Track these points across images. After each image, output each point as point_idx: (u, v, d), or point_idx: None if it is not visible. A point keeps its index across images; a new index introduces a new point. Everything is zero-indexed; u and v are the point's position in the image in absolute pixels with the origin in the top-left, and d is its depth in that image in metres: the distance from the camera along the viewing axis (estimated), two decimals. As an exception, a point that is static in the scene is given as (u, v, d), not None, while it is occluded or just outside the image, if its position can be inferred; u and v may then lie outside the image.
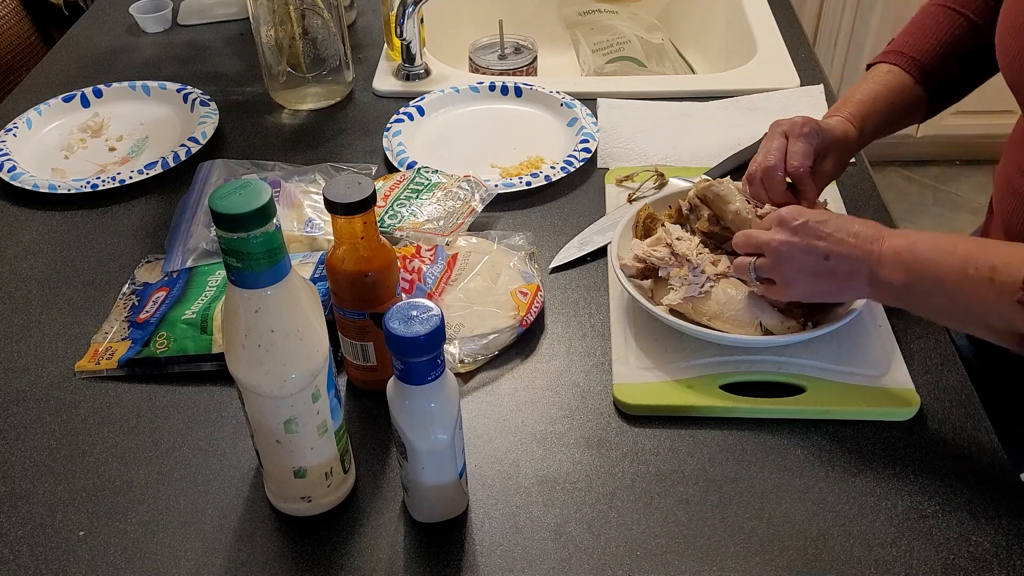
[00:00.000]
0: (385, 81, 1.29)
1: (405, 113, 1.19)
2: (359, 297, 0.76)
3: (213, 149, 1.16)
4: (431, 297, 0.87)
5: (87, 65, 1.37)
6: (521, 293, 0.88)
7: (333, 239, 0.78)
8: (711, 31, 1.54)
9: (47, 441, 0.79)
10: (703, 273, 0.83)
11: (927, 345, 0.84)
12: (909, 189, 2.62)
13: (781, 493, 0.73)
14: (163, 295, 0.90)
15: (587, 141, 1.12)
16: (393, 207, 0.97)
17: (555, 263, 0.96)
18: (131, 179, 1.09)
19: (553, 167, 1.08)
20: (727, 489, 0.73)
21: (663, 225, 0.89)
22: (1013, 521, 0.70)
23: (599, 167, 1.11)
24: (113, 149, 1.18)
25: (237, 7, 1.48)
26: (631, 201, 1.03)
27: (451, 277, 0.90)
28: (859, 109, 0.91)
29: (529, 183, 1.05)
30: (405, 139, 1.14)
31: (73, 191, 1.08)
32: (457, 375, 0.83)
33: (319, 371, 0.65)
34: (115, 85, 1.27)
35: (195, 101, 1.23)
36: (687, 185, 0.96)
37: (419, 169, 1.04)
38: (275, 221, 0.58)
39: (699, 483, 0.74)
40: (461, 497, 0.71)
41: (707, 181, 0.86)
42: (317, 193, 1.01)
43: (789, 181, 0.86)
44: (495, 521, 0.72)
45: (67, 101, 1.25)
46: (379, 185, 1.01)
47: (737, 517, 0.71)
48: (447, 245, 0.93)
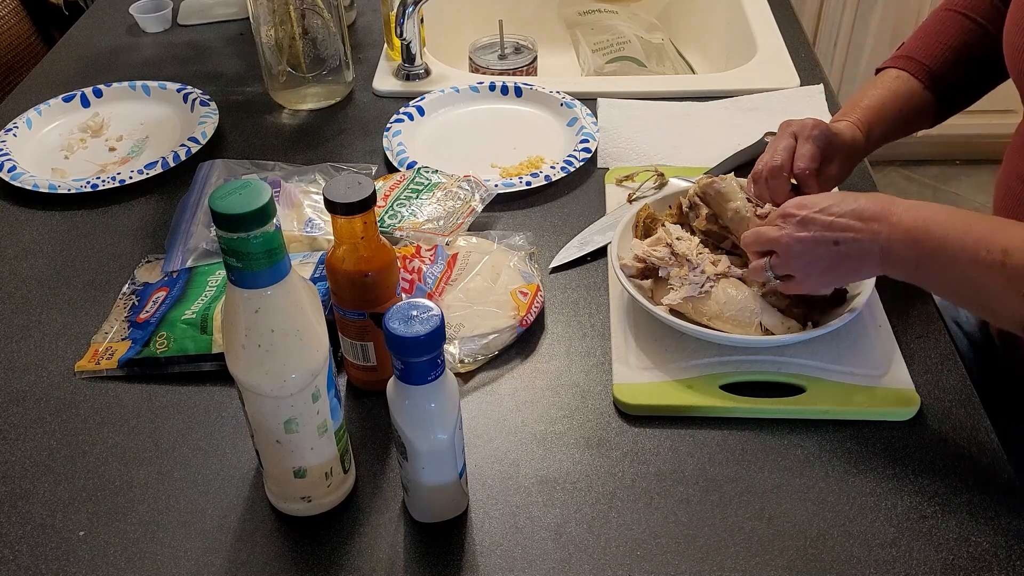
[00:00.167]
0: (385, 81, 1.29)
1: (405, 113, 1.19)
2: (359, 297, 0.76)
3: (213, 149, 1.16)
4: (431, 297, 0.86)
5: (87, 65, 1.37)
6: (521, 293, 0.88)
7: (333, 239, 0.78)
8: (711, 31, 1.54)
9: (47, 441, 0.79)
10: (703, 273, 0.83)
11: (927, 345, 0.84)
12: (909, 189, 2.62)
13: (781, 493, 0.73)
14: (163, 295, 0.90)
15: (587, 141, 1.12)
16: (393, 207, 0.97)
17: (555, 263, 0.96)
18: (131, 179, 1.09)
19: (553, 167, 1.08)
20: (727, 489, 0.73)
21: (663, 225, 0.89)
22: (1013, 521, 0.70)
23: (599, 167, 1.11)
24: (113, 149, 1.18)
25: (237, 7, 1.48)
26: (631, 201, 1.03)
27: (451, 277, 0.90)
28: (867, 115, 0.91)
29: (529, 183, 1.05)
30: (405, 139, 1.14)
31: (73, 191, 1.08)
32: (457, 375, 0.83)
33: (319, 371, 0.65)
34: (115, 85, 1.27)
35: (195, 101, 1.23)
36: (687, 185, 0.96)
37: (419, 169, 1.04)
38: (275, 221, 0.58)
39: (699, 483, 0.74)
40: (461, 497, 0.71)
41: (710, 178, 0.87)
42: (317, 193, 1.01)
43: (794, 183, 0.86)
44: (495, 521, 0.72)
45: (67, 101, 1.25)
46: (379, 185, 1.01)
47: (737, 517, 0.71)
48: (447, 245, 0.93)
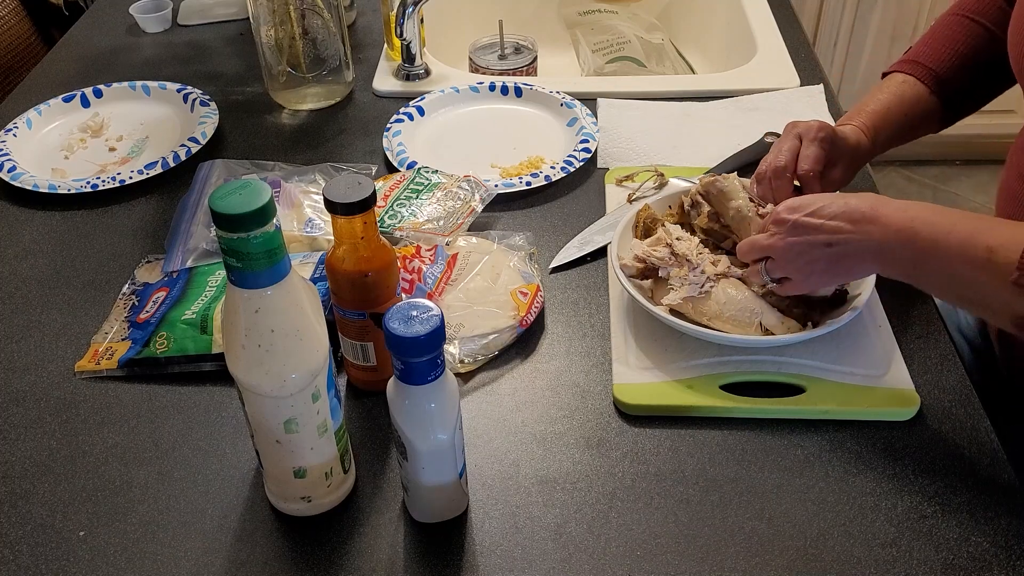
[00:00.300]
0: (385, 81, 1.29)
1: (405, 113, 1.19)
2: (359, 297, 0.76)
3: (213, 149, 1.16)
4: (431, 297, 0.86)
5: (87, 65, 1.37)
6: (521, 293, 0.88)
7: (333, 239, 0.78)
8: (711, 31, 1.54)
9: (47, 441, 0.79)
10: (703, 273, 0.83)
11: (927, 345, 0.84)
12: (909, 189, 2.62)
13: (781, 493, 0.73)
14: (163, 295, 0.90)
15: (587, 141, 1.12)
16: (393, 207, 0.97)
17: (555, 263, 0.96)
18: (131, 179, 1.09)
19: (553, 167, 1.08)
20: (727, 489, 0.73)
21: (663, 225, 0.89)
22: (1013, 521, 0.70)
23: (599, 167, 1.11)
24: (113, 149, 1.18)
25: (237, 7, 1.48)
26: (631, 201, 1.03)
27: (451, 277, 0.90)
28: (872, 119, 0.91)
29: (529, 183, 1.05)
30: (405, 139, 1.14)
31: (73, 191, 1.08)
32: (457, 375, 0.83)
33: (319, 371, 0.65)
34: (115, 85, 1.27)
35: (195, 101, 1.23)
36: (687, 185, 0.96)
37: (419, 169, 1.04)
38: (275, 221, 0.58)
39: (699, 483, 0.74)
40: (461, 497, 0.71)
41: (713, 176, 0.87)
42: (317, 193, 1.01)
43: (797, 184, 0.86)
44: (495, 521, 0.72)
45: (67, 101, 1.25)
46: (379, 185, 1.01)
47: (737, 517, 0.71)
48: (447, 245, 0.93)
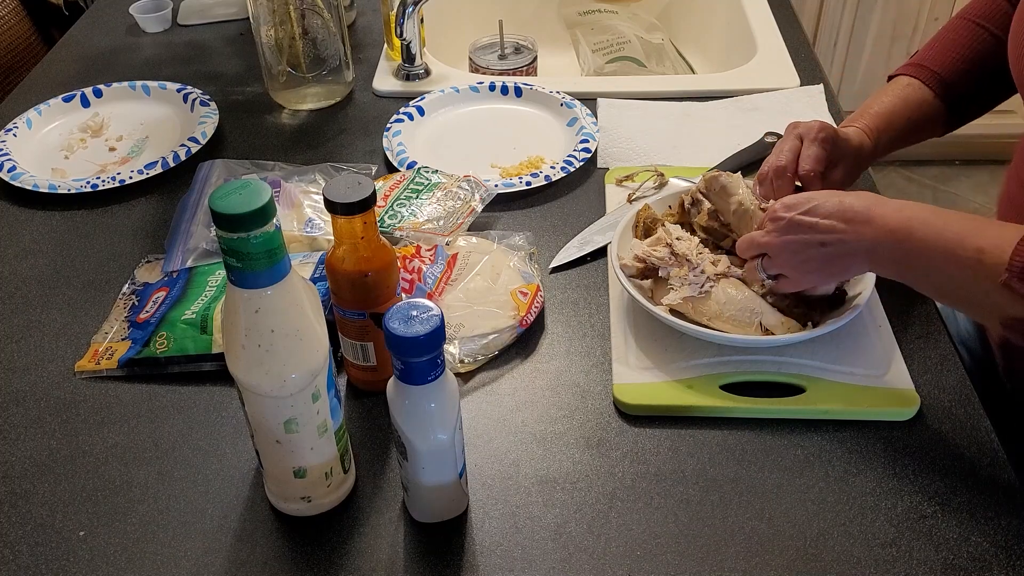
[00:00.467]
0: (385, 81, 1.29)
1: (405, 113, 1.19)
2: (359, 297, 0.76)
3: (213, 149, 1.16)
4: (431, 297, 0.86)
5: (87, 65, 1.37)
6: (521, 293, 0.88)
7: (333, 239, 0.78)
8: (711, 31, 1.54)
9: (47, 441, 0.79)
10: (703, 273, 0.83)
11: (927, 345, 0.84)
12: (909, 189, 2.62)
13: (781, 493, 0.73)
14: (163, 295, 0.90)
15: (587, 141, 1.12)
16: (393, 207, 0.97)
17: (555, 263, 0.96)
18: (131, 179, 1.09)
19: (553, 167, 1.08)
20: (727, 489, 0.73)
21: (663, 225, 0.89)
22: (1013, 521, 0.70)
23: (599, 167, 1.11)
24: (113, 149, 1.18)
25: (237, 7, 1.48)
26: (631, 201, 1.03)
27: (451, 277, 0.90)
28: (876, 121, 0.91)
29: (529, 183, 1.05)
30: (405, 139, 1.14)
31: (73, 191, 1.08)
32: (457, 375, 0.83)
33: (319, 371, 0.65)
34: (115, 85, 1.27)
35: (195, 101, 1.23)
36: (687, 185, 0.96)
37: (419, 169, 1.04)
38: (275, 221, 0.58)
39: (699, 483, 0.74)
40: (461, 497, 0.71)
41: (715, 172, 0.87)
42: (317, 193, 1.01)
43: (799, 184, 0.86)
44: (495, 521, 0.72)
45: (67, 101, 1.25)
46: (379, 185, 1.01)
47: (737, 517, 0.71)
48: (447, 245, 0.93)
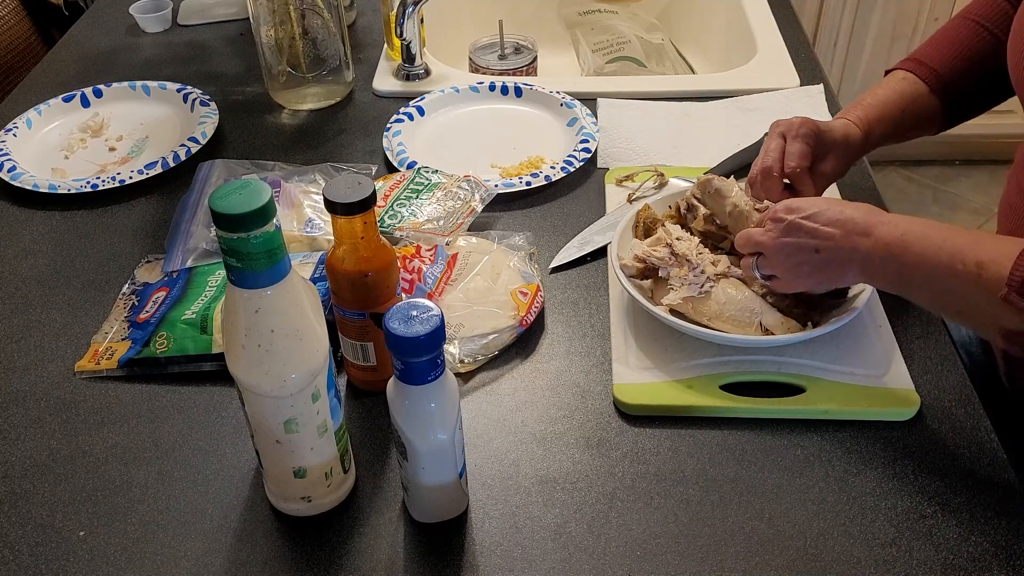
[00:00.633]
0: (385, 81, 1.29)
1: (405, 113, 1.19)
2: (359, 297, 0.76)
3: (213, 149, 1.16)
4: (431, 297, 0.86)
5: (87, 65, 1.37)
6: (521, 293, 0.88)
7: (333, 239, 0.78)
8: (711, 31, 1.54)
9: (47, 441, 0.79)
10: (703, 273, 0.83)
11: (927, 345, 0.84)
12: (909, 189, 2.62)
13: (781, 493, 0.73)
14: (163, 295, 0.90)
15: (587, 141, 1.12)
16: (393, 207, 0.97)
17: (555, 263, 0.96)
18: (131, 179, 1.09)
19: (553, 167, 1.08)
20: (727, 489, 0.73)
21: (663, 225, 0.89)
22: (1013, 521, 0.70)
23: (599, 167, 1.11)
24: (113, 149, 1.18)
25: (237, 7, 1.48)
26: (631, 201, 1.03)
27: (451, 277, 0.90)
28: (867, 112, 0.92)
29: (529, 183, 1.05)
30: (405, 139, 1.14)
31: (73, 191, 1.08)
32: (457, 375, 0.83)
33: (319, 371, 0.65)
34: (115, 85, 1.27)
35: (195, 101, 1.23)
36: (687, 185, 0.96)
37: (419, 169, 1.04)
38: (275, 221, 0.58)
39: (699, 483, 0.74)
40: (461, 497, 0.71)
41: (708, 176, 0.87)
42: (317, 193, 1.01)
43: (788, 182, 0.86)
44: (495, 521, 0.72)
45: (67, 101, 1.25)
46: (379, 185, 1.01)
47: (737, 517, 0.71)
48: (447, 245, 0.93)
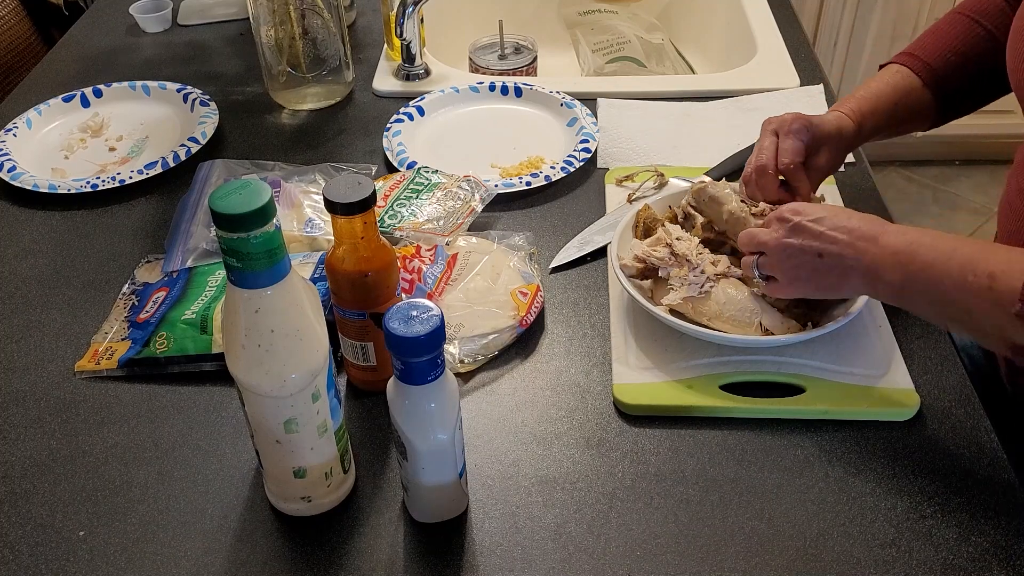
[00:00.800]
0: (385, 81, 1.29)
1: (405, 113, 1.19)
2: (359, 297, 0.76)
3: (213, 149, 1.16)
4: (431, 297, 0.86)
5: (87, 65, 1.37)
6: (521, 293, 0.88)
7: (333, 239, 0.78)
8: (711, 31, 1.54)
9: (47, 441, 0.79)
10: (703, 273, 0.83)
11: (927, 345, 0.84)
12: (909, 189, 2.62)
13: (781, 493, 0.73)
14: (163, 295, 0.90)
15: (587, 141, 1.12)
16: (393, 207, 0.97)
17: (555, 263, 0.96)
18: (131, 179, 1.09)
19: (553, 167, 1.08)
20: (727, 489, 0.73)
21: (663, 225, 0.89)
22: (1013, 521, 0.70)
23: (599, 167, 1.11)
24: (113, 149, 1.18)
25: (237, 7, 1.48)
26: (631, 201, 1.03)
27: (451, 277, 0.90)
28: (860, 104, 0.92)
29: (529, 183, 1.05)
30: (405, 139, 1.14)
31: (73, 191, 1.08)
32: (457, 375, 0.83)
33: (319, 371, 0.65)
34: (115, 85, 1.27)
35: (195, 101, 1.23)
36: (687, 185, 0.96)
37: (419, 169, 1.04)
38: (275, 221, 0.58)
39: (699, 483, 0.74)
40: (461, 497, 0.71)
41: (703, 183, 0.87)
42: (317, 193, 1.01)
43: (784, 179, 0.86)
44: (495, 521, 0.72)
45: (67, 101, 1.25)
46: (379, 185, 1.01)
47: (737, 517, 0.71)
48: (447, 245, 0.93)
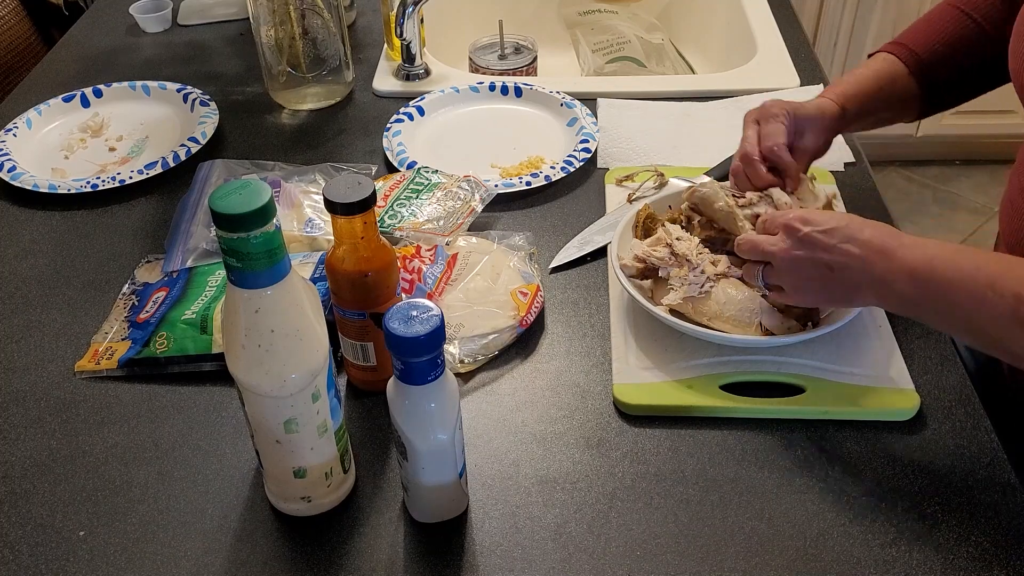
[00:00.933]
0: (385, 81, 1.29)
1: (405, 113, 1.19)
2: (359, 297, 0.76)
3: (213, 149, 1.16)
4: (431, 297, 0.86)
5: (87, 65, 1.37)
6: (521, 293, 0.88)
7: (333, 239, 0.78)
8: (711, 31, 1.54)
9: (47, 441, 0.79)
10: (703, 273, 0.83)
11: (927, 345, 0.84)
12: (909, 189, 2.62)
13: (781, 493, 0.73)
14: (163, 295, 0.90)
15: (587, 141, 1.12)
16: (393, 207, 0.97)
17: (555, 263, 0.96)
18: (131, 179, 1.09)
19: (553, 167, 1.08)
20: (727, 489, 0.73)
21: (663, 225, 0.89)
22: (1013, 521, 0.70)
23: (599, 167, 1.11)
24: (113, 149, 1.18)
25: (237, 7, 1.48)
26: (631, 201, 1.03)
27: (451, 277, 0.90)
28: (843, 88, 0.93)
29: (529, 183, 1.05)
30: (405, 139, 1.14)
31: (73, 191, 1.08)
32: (457, 375, 0.83)
33: (319, 371, 0.65)
34: (115, 85, 1.27)
35: (195, 101, 1.23)
36: (687, 185, 0.96)
37: (419, 169, 1.04)
38: (275, 221, 0.58)
39: (699, 483, 0.74)
40: (461, 497, 0.71)
41: (692, 188, 0.87)
42: (317, 193, 1.01)
43: (774, 168, 0.87)
44: (495, 521, 0.72)
45: (67, 101, 1.25)
46: (379, 185, 1.01)
47: (737, 517, 0.71)
48: (447, 245, 0.93)
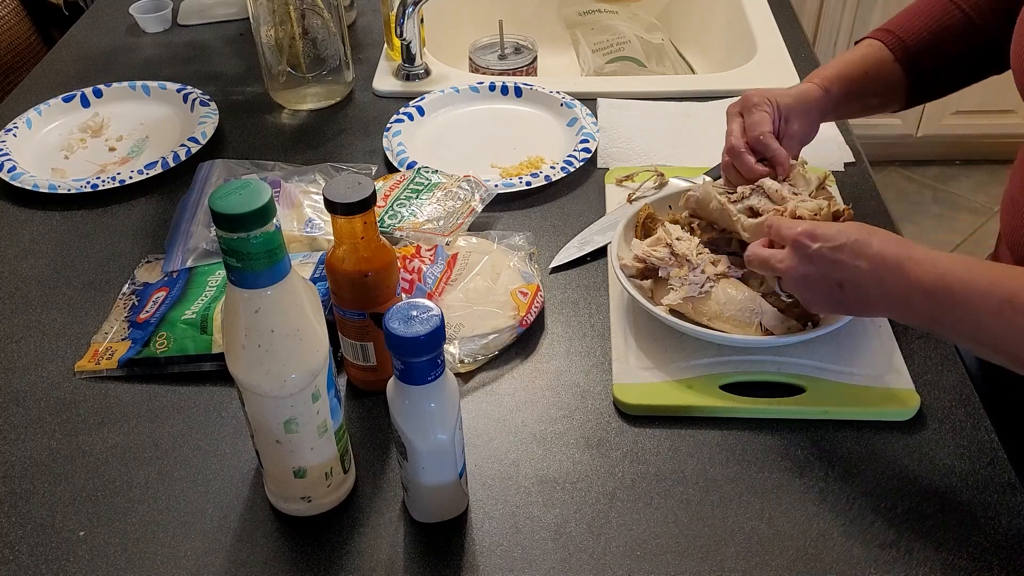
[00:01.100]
0: (385, 81, 1.29)
1: (405, 113, 1.19)
2: (359, 297, 0.76)
3: (213, 149, 1.16)
4: (431, 297, 0.87)
5: (87, 65, 1.37)
6: (521, 293, 0.88)
7: (333, 239, 0.78)
8: (711, 31, 1.54)
9: (47, 441, 0.79)
10: (703, 273, 0.83)
11: (927, 345, 0.84)
12: (909, 189, 2.62)
13: (781, 493, 0.73)
14: (163, 295, 0.90)
15: (587, 141, 1.12)
16: (393, 207, 0.97)
17: (555, 263, 0.96)
18: (131, 179, 1.09)
19: (553, 167, 1.08)
20: (727, 489, 0.73)
21: (663, 225, 0.89)
22: (1013, 521, 0.70)
23: (599, 167, 1.11)
24: (113, 149, 1.18)
25: (237, 7, 1.48)
26: (631, 201, 1.03)
27: (451, 277, 0.90)
28: (827, 71, 0.93)
29: (529, 183, 1.05)
30: (405, 139, 1.14)
31: (73, 191, 1.08)
32: (457, 375, 0.83)
33: (319, 371, 0.65)
34: (115, 85, 1.27)
35: (195, 101, 1.23)
36: (687, 185, 0.96)
37: (419, 169, 1.04)
38: (275, 221, 0.58)
39: (699, 483, 0.74)
40: (461, 497, 0.71)
41: (686, 195, 0.88)
42: (317, 193, 1.01)
43: (765, 161, 0.87)
44: (495, 521, 0.72)
45: (67, 101, 1.25)
46: (379, 185, 1.01)
47: (737, 517, 0.71)
48: (447, 245, 0.93)
